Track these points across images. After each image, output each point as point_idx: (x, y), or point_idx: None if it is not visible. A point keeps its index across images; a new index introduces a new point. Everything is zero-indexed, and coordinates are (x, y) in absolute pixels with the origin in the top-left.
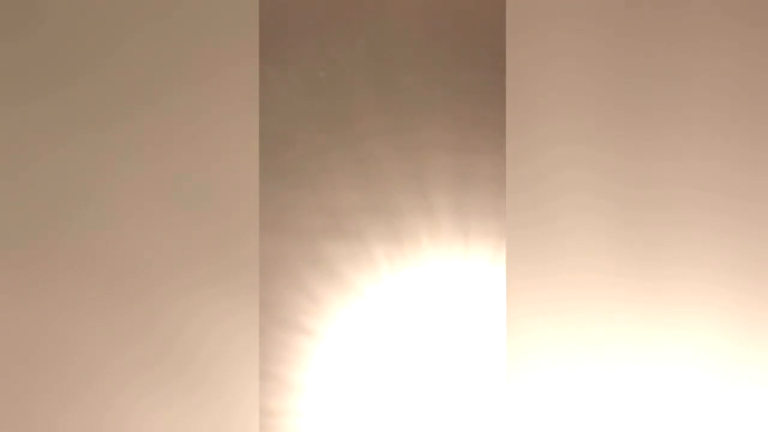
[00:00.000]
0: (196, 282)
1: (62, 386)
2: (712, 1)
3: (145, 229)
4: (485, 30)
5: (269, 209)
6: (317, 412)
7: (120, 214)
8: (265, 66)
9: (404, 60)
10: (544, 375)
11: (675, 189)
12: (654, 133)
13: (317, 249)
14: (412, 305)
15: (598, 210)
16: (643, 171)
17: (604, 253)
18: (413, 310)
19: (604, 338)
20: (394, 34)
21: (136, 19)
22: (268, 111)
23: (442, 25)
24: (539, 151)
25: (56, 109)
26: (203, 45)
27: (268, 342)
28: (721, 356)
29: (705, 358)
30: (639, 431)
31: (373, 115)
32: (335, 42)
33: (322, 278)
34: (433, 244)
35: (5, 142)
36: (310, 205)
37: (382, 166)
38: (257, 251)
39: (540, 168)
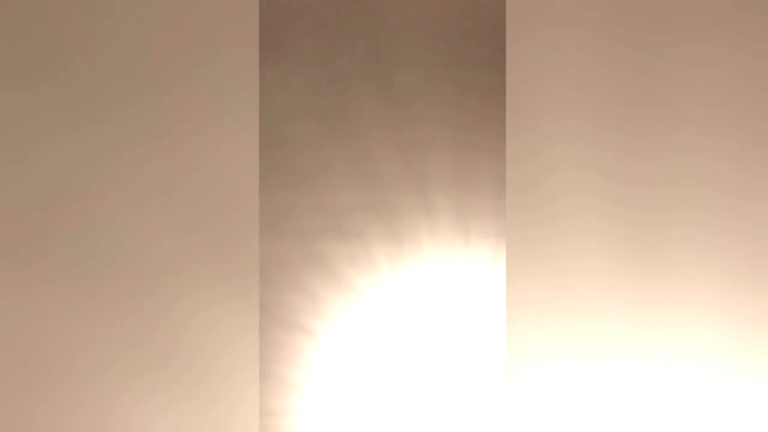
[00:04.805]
0: (197, 283)
1: (64, 388)
2: (713, 2)
3: (144, 230)
4: (485, 29)
5: (269, 209)
6: (317, 412)
7: (119, 216)
8: (264, 66)
9: (404, 59)
10: (545, 375)
11: (676, 189)
12: (655, 132)
13: (317, 249)
14: (412, 305)
15: (598, 210)
16: (644, 171)
17: (605, 253)
18: (413, 310)
19: (604, 338)
20: (394, 34)
21: (136, 17)
22: (267, 111)
23: (442, 24)
24: (540, 150)
25: (56, 110)
26: (203, 45)
27: (268, 342)
28: (723, 357)
29: (706, 359)
30: (639, 431)
31: (373, 115)
32: (335, 42)
33: (322, 278)
34: (433, 244)
35: (2, 139)
36: (310, 205)
37: (382, 166)
38: (257, 252)
39: (540, 168)
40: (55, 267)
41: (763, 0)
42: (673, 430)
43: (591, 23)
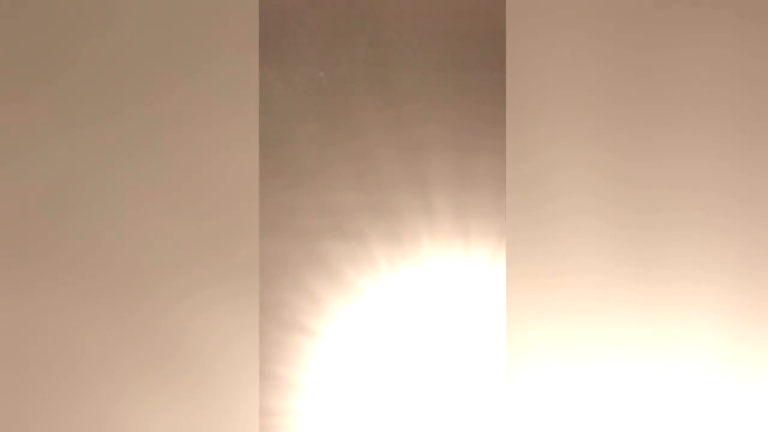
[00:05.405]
0: (197, 283)
1: (64, 388)
2: (712, 2)
3: (144, 230)
4: (485, 29)
5: (269, 209)
6: (317, 412)
7: (119, 216)
8: (265, 65)
9: (404, 60)
10: (544, 375)
11: (676, 189)
12: (655, 132)
13: (317, 249)
14: (412, 305)
15: (598, 210)
16: (643, 171)
17: (605, 253)
18: (413, 310)
19: (604, 338)
20: (394, 34)
21: (136, 17)
22: (268, 111)
23: (442, 24)
24: (539, 150)
25: (56, 110)
26: (203, 45)
27: (268, 342)
28: (723, 357)
29: (705, 359)
30: (639, 431)
31: (373, 115)
32: (335, 42)
33: (323, 278)
34: (433, 244)
35: (2, 140)
36: (310, 205)
37: (382, 166)
38: (257, 252)
39: (540, 168)
40: (55, 267)
41: (761, 0)
42: (673, 430)
43: (591, 24)
